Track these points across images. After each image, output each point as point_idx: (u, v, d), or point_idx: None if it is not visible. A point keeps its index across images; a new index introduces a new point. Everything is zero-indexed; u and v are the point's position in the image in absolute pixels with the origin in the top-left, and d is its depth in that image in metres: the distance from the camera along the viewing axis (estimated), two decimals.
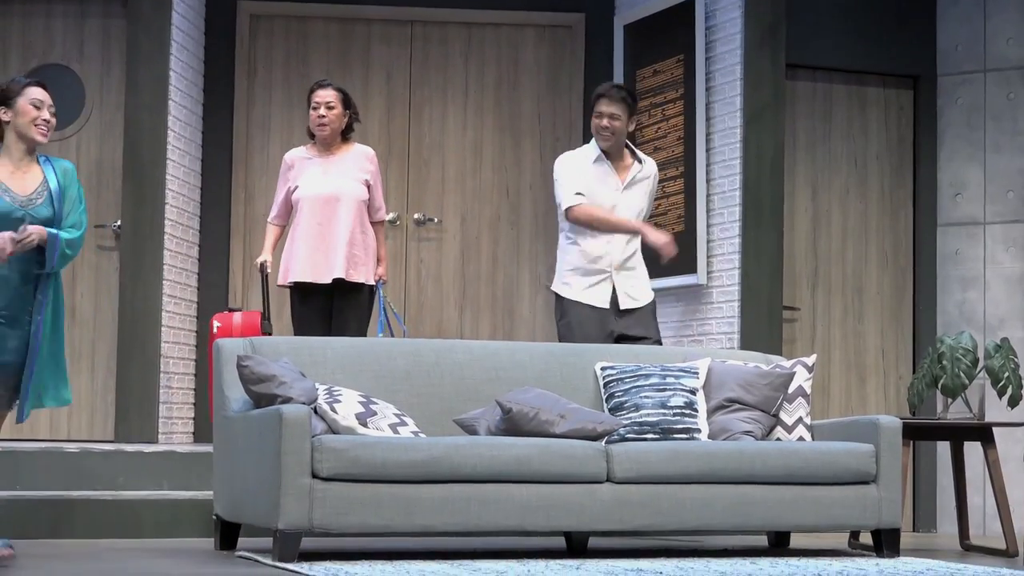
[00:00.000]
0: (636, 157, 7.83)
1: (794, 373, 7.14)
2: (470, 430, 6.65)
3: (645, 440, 6.71)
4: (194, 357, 9.31)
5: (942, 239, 9.47)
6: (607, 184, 7.72)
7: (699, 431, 6.85)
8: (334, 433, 6.27)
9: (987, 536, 8.92)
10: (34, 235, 6.13)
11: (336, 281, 8.01)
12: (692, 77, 8.96)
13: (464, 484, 6.21)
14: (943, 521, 9.27)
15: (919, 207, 9.51)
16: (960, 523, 7.83)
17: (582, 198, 7.66)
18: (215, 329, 8.43)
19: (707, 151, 8.90)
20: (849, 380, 9.35)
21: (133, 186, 8.69)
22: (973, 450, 8.92)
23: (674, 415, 6.82)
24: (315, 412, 6.30)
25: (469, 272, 9.84)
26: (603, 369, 7.10)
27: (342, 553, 6.52)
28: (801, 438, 7.05)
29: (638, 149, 7.97)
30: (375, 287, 8.19)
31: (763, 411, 7.03)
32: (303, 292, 8.07)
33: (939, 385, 7.72)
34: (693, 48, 8.97)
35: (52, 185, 6.26)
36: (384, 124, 9.75)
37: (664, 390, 6.89)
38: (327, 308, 8.08)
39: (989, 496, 9.08)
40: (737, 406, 7.01)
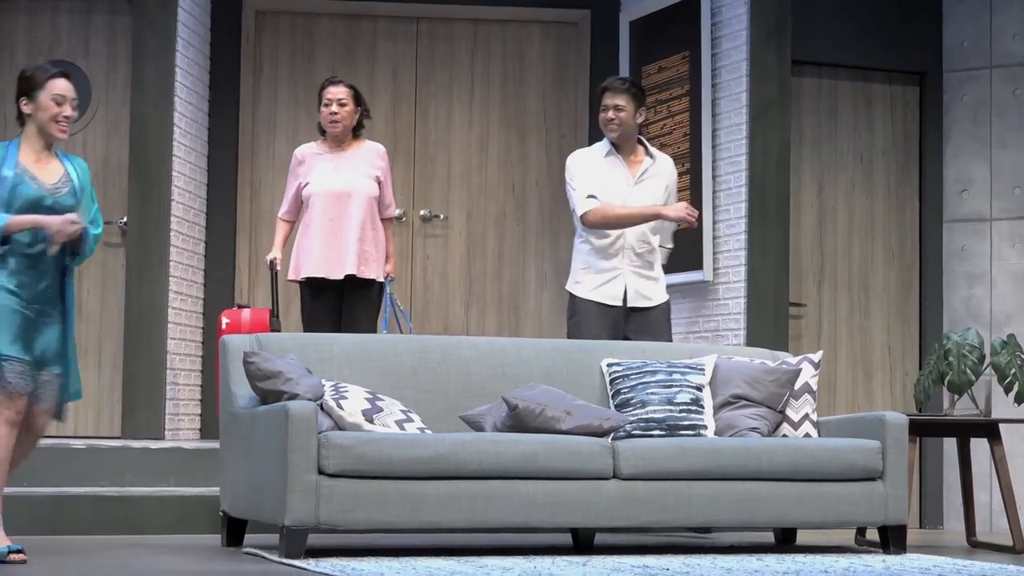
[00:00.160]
0: (648, 153, 7.81)
1: (800, 369, 7.14)
2: (476, 426, 6.65)
3: (651, 436, 6.71)
4: (200, 353, 9.32)
5: (948, 235, 9.46)
6: (617, 179, 7.70)
7: (705, 427, 6.85)
8: (340, 429, 6.28)
9: (994, 532, 8.92)
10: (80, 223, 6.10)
11: (347, 277, 8.02)
12: (698, 74, 8.96)
13: (470, 480, 6.21)
14: (950, 517, 9.26)
15: (925, 203, 9.51)
16: (967, 519, 7.82)
17: (594, 201, 7.63)
18: (223, 325, 8.43)
19: (713, 148, 8.90)
20: (855, 376, 9.35)
21: (139, 183, 8.70)
22: (979, 446, 8.92)
23: (680, 411, 6.82)
24: (321, 408, 6.31)
25: (475, 268, 9.84)
26: (609, 365, 7.10)
27: (348, 549, 6.53)
28: (807, 434, 7.05)
29: (651, 145, 7.94)
30: (384, 284, 8.20)
31: (769, 407, 7.03)
32: (314, 288, 8.07)
33: (945, 381, 7.72)
34: (699, 45, 8.97)
35: (73, 178, 6.20)
36: (390, 121, 9.75)
37: (670, 386, 6.89)
38: (337, 304, 8.09)
39: (996, 492, 9.08)
40: (743, 402, 7.01)
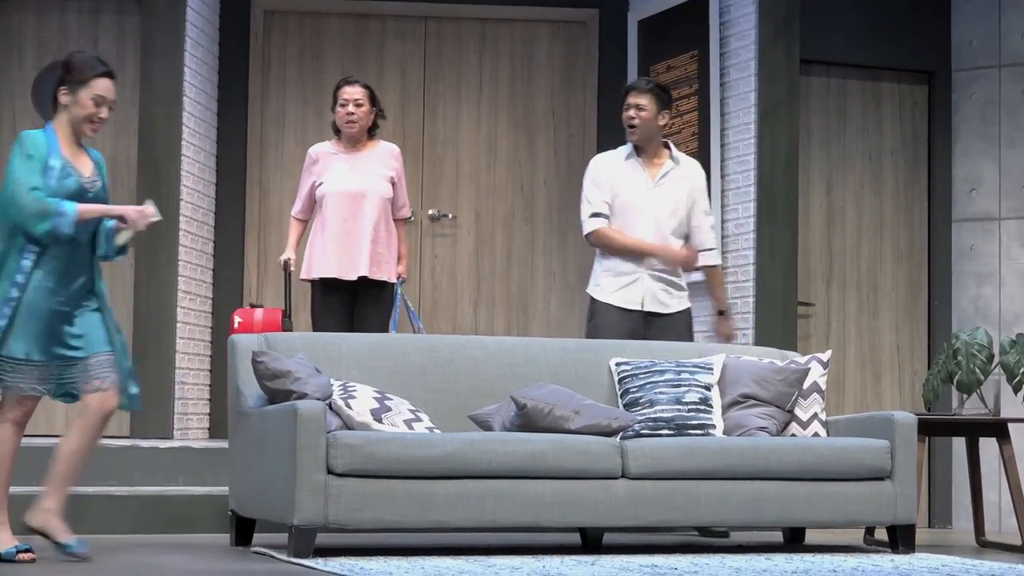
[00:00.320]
0: (672, 156, 7.77)
1: (809, 369, 7.13)
2: (485, 426, 6.65)
3: (660, 436, 6.71)
4: (209, 353, 9.33)
5: (957, 235, 9.46)
6: (636, 181, 7.66)
7: (714, 427, 6.84)
8: (349, 429, 6.28)
9: (1003, 532, 8.91)
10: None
11: (360, 278, 8.02)
12: (706, 73, 8.95)
13: (479, 480, 6.21)
14: (958, 517, 9.26)
15: (934, 203, 9.50)
16: (976, 519, 7.82)
17: (599, 221, 7.61)
18: (236, 324, 8.42)
19: (721, 147, 8.89)
20: (864, 376, 9.34)
21: (148, 182, 8.70)
22: (988, 446, 8.91)
23: (689, 411, 6.82)
24: (330, 408, 6.31)
25: (484, 268, 9.84)
26: (618, 365, 7.10)
27: (357, 549, 6.53)
28: (816, 434, 7.04)
29: (677, 149, 7.87)
30: (396, 285, 8.20)
31: (778, 407, 7.03)
32: (326, 287, 8.08)
33: (954, 381, 7.71)
34: (707, 44, 8.96)
35: (102, 172, 6.15)
36: (398, 120, 9.75)
37: (679, 386, 6.88)
38: (349, 304, 8.09)
39: (1005, 492, 9.07)
40: (752, 402, 7.01)
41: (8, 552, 5.91)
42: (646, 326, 7.59)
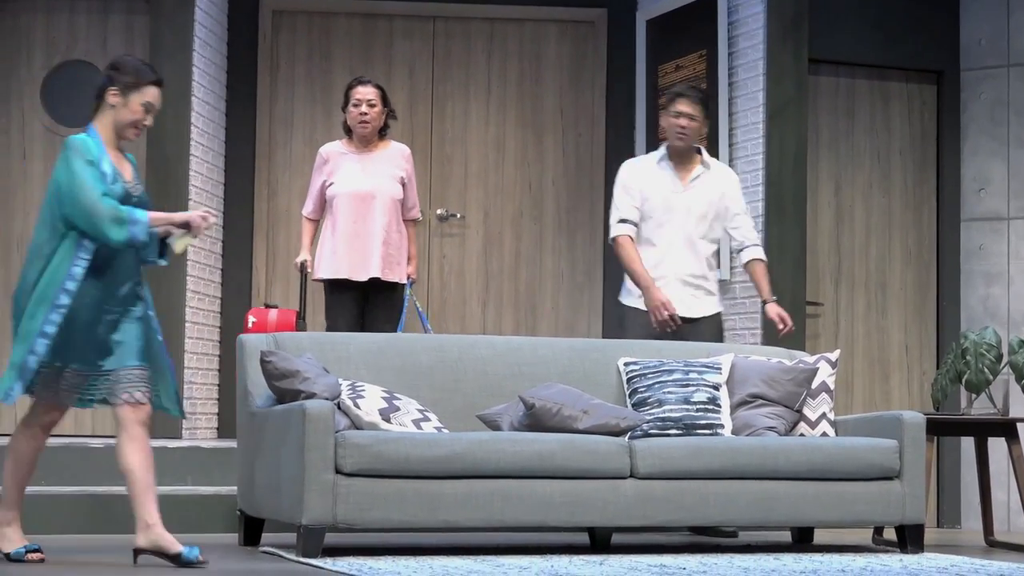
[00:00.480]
0: (703, 161, 7.77)
1: (817, 369, 7.13)
2: (493, 426, 6.65)
3: (668, 436, 6.71)
4: (218, 353, 9.33)
5: (966, 234, 9.45)
6: (666, 185, 7.67)
7: (722, 427, 6.84)
8: (357, 429, 6.28)
9: (1011, 532, 8.90)
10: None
11: (371, 280, 8.02)
12: (714, 72, 8.95)
13: (487, 480, 6.21)
14: (967, 517, 9.25)
15: (942, 202, 9.49)
16: (984, 519, 7.81)
17: (625, 227, 7.64)
18: (250, 324, 8.39)
19: (730, 146, 8.89)
20: (872, 376, 9.34)
21: (156, 182, 8.70)
22: (997, 446, 8.90)
23: (697, 411, 6.82)
24: (338, 408, 6.31)
25: (492, 268, 9.84)
26: (626, 365, 7.10)
27: (365, 549, 6.53)
28: (824, 434, 7.04)
29: (706, 153, 7.85)
30: (406, 286, 8.20)
31: (786, 407, 7.02)
32: (337, 287, 8.08)
33: (963, 381, 7.70)
34: (715, 43, 8.96)
35: (139, 175, 6.06)
36: (407, 120, 9.75)
37: (687, 386, 6.88)
38: (360, 304, 8.10)
39: (1013, 492, 9.06)
40: (760, 402, 7.01)
41: (17, 552, 5.92)
42: (675, 330, 7.59)
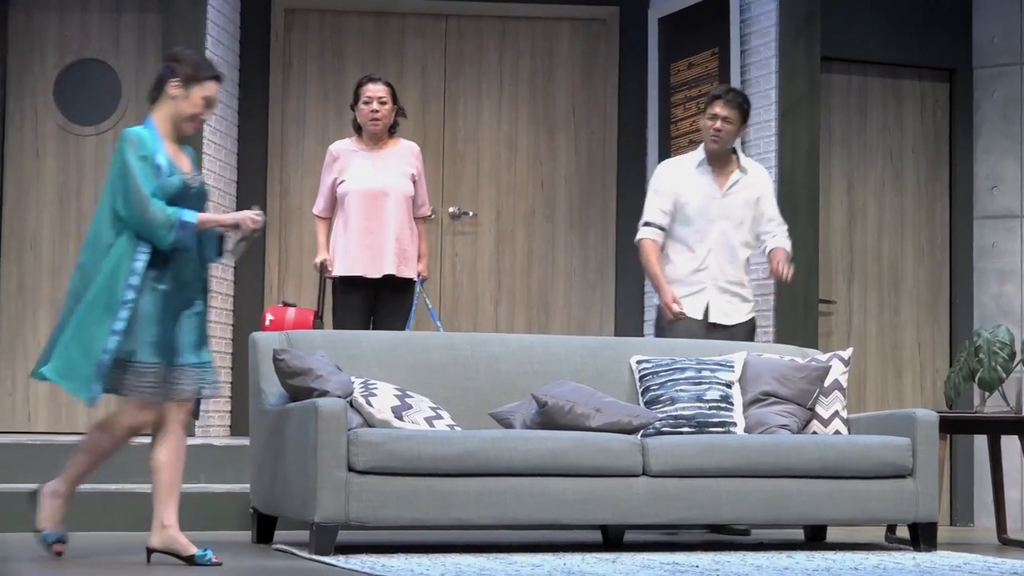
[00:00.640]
0: (740, 165, 7.76)
1: (830, 367, 7.12)
2: (506, 423, 6.65)
3: (681, 434, 6.70)
4: (231, 351, 9.34)
5: (979, 232, 9.43)
6: (705, 190, 7.65)
7: (735, 425, 6.84)
8: (370, 426, 6.29)
9: None
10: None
11: (385, 277, 8.03)
12: (727, 70, 8.95)
13: (500, 477, 6.21)
14: (980, 515, 9.24)
15: (955, 200, 9.48)
16: (997, 517, 7.80)
17: (650, 231, 7.64)
18: (267, 322, 8.37)
19: (742, 144, 8.88)
20: (885, 374, 9.33)
21: None
22: (1010, 443, 8.88)
23: (710, 409, 6.81)
24: (351, 405, 6.32)
25: (504, 265, 9.84)
26: (638, 362, 7.09)
27: (378, 546, 6.54)
28: (837, 432, 7.03)
29: (744, 155, 7.83)
30: (417, 283, 8.21)
31: (799, 405, 7.02)
32: (348, 285, 8.08)
33: (976, 378, 7.70)
34: (728, 41, 8.96)
35: (196, 166, 5.98)
36: (419, 118, 9.75)
37: (700, 384, 6.88)
38: (370, 302, 8.10)
39: None
40: (773, 400, 7.00)
41: (46, 535, 5.90)
42: (707, 334, 7.58)
